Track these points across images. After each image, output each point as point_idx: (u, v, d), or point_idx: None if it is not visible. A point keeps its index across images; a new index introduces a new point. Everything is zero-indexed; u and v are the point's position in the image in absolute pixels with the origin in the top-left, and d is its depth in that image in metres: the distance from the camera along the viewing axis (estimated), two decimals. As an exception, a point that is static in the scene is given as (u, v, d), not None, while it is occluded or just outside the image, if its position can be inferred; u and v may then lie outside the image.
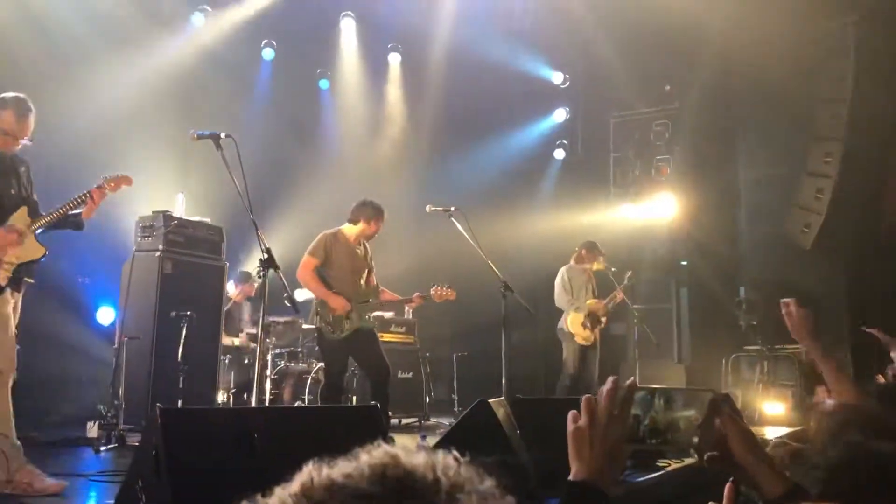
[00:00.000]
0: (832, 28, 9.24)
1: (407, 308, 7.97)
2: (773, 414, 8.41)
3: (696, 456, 1.30)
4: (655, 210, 10.54)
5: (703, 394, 1.28)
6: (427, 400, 8.72)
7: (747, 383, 9.20)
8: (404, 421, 8.39)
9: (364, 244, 6.20)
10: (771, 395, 8.86)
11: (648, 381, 8.46)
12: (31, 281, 4.23)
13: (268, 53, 9.78)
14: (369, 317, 6.12)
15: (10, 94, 4.21)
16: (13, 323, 4.10)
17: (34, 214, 4.26)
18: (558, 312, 8.24)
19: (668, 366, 9.73)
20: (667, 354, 9.93)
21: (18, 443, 4.04)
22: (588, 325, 8.00)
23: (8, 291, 4.09)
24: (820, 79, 9.44)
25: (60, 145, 6.37)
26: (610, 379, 1.25)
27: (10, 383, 4.06)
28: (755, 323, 9.42)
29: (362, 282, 6.09)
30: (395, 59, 10.60)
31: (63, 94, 7.16)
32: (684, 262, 10.39)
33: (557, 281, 8.17)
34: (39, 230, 4.24)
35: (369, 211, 6.07)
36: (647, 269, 9.93)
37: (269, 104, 9.74)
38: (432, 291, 6.19)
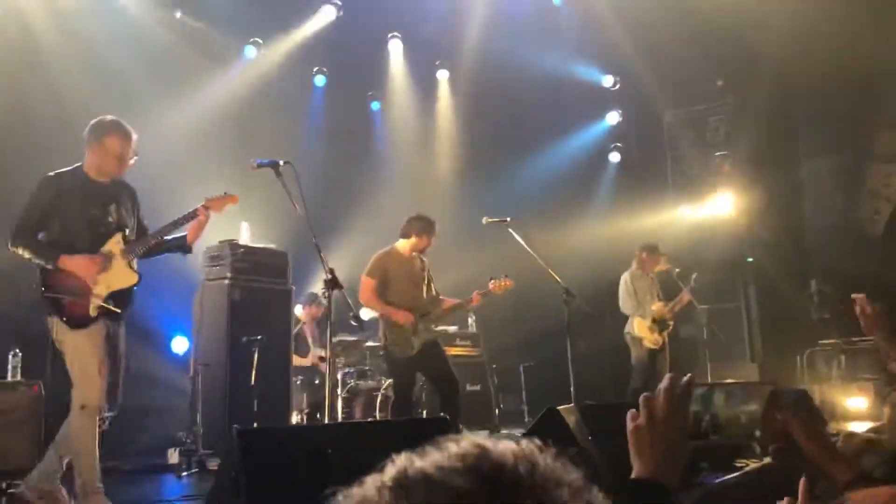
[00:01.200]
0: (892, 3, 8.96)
1: (469, 311, 7.94)
2: (855, 409, 8.14)
3: (759, 449, 1.30)
4: (716, 208, 10.37)
5: (762, 387, 1.28)
6: (497, 411, 8.72)
7: (825, 379, 8.93)
8: (475, 433, 8.39)
9: (420, 257, 6.28)
10: (852, 390, 8.58)
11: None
12: (118, 311, 4.15)
13: (319, 80, 9.99)
14: (435, 328, 6.19)
15: (110, 118, 4.29)
16: (100, 356, 4.03)
17: (128, 241, 4.26)
18: (624, 317, 8.16)
19: (742, 365, 9.53)
20: (739, 354, 9.74)
21: (101, 485, 4.00)
22: (655, 328, 7.91)
23: (100, 322, 4.07)
24: (882, 61, 9.16)
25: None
26: (667, 376, 1.26)
27: (98, 416, 3.99)
28: (829, 316, 9.16)
29: (423, 294, 6.16)
30: (443, 76, 10.70)
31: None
32: (750, 259, 10.18)
33: (621, 287, 8.11)
34: (134, 256, 4.24)
35: (419, 224, 6.14)
36: (711, 268, 9.74)
37: (323, 129, 9.93)
38: (491, 286, 6.21)
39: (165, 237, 4.37)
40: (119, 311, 4.15)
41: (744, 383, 1.25)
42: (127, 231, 4.29)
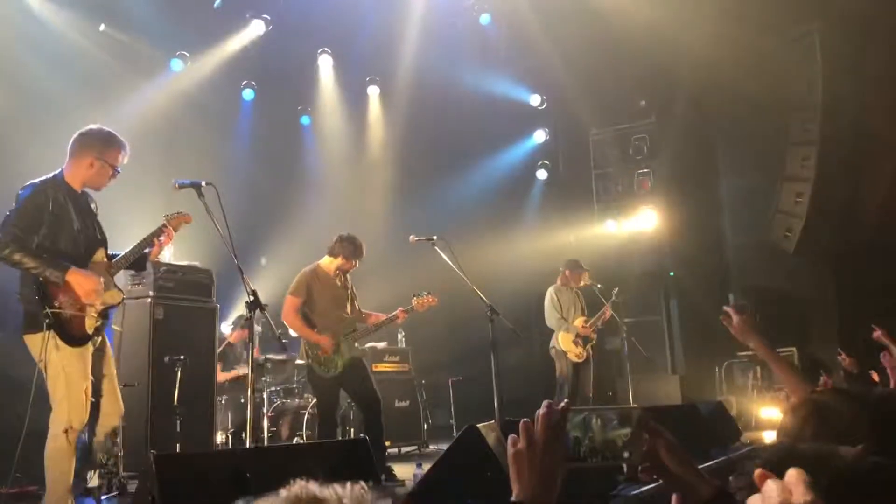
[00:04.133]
0: (798, 34, 9.43)
1: (398, 327, 7.99)
2: (768, 418, 8.49)
3: (627, 469, 1.39)
4: (640, 223, 10.68)
5: (634, 411, 1.37)
6: (425, 427, 8.75)
7: (742, 389, 9.29)
8: (404, 449, 8.43)
9: (341, 276, 6.29)
10: (766, 400, 8.94)
11: (643, 393, 8.57)
12: (117, 328, 4.19)
13: (248, 94, 9.91)
14: (358, 346, 6.20)
15: (104, 127, 4.26)
16: (88, 376, 3.95)
17: (110, 257, 4.21)
18: (550, 331, 8.32)
19: (663, 377, 9.81)
20: (660, 366, 10.03)
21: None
22: (580, 342, 8.10)
23: (90, 341, 3.98)
24: (791, 86, 9.62)
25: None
26: (544, 403, 1.33)
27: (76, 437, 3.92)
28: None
29: (346, 312, 6.18)
30: (373, 92, 10.76)
31: (42, 148, 7.25)
32: (672, 273, 10.51)
33: (546, 301, 8.27)
34: (115, 273, 4.20)
35: (349, 248, 6.15)
36: (635, 282, 10.05)
37: (251, 143, 9.86)
38: (414, 302, 6.28)
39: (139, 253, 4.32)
40: (119, 329, 4.09)
41: (620, 407, 1.32)
42: (107, 245, 4.24)
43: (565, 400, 1.39)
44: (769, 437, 6.64)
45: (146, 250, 4.34)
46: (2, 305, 7.21)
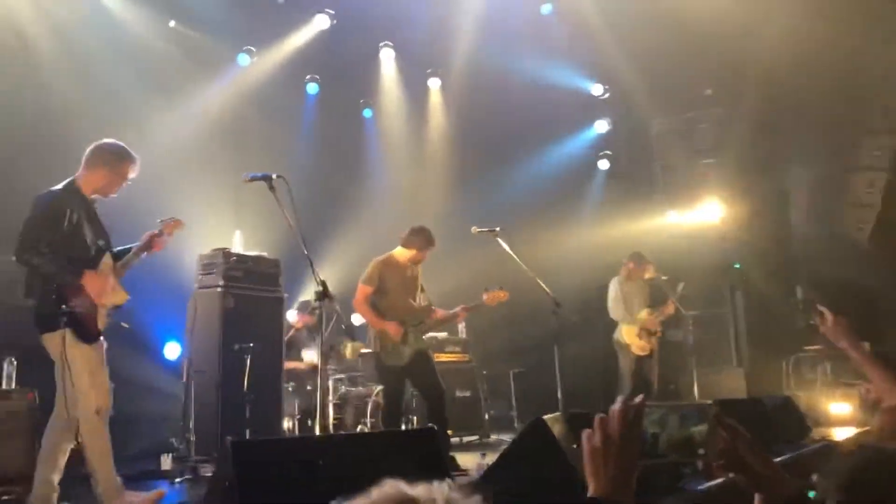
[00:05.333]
0: (879, 29, 9.08)
1: (460, 322, 8.08)
2: (839, 414, 8.26)
3: (702, 466, 1.39)
4: (704, 215, 10.49)
5: (710, 407, 1.37)
6: (486, 417, 8.80)
7: (810, 384, 9.05)
8: (465, 439, 8.49)
9: (412, 267, 6.36)
10: (836, 396, 8.70)
11: (708, 387, 8.44)
12: (125, 325, 4.58)
13: (312, 87, 10.07)
14: (424, 337, 6.28)
15: (117, 143, 4.53)
16: (105, 367, 4.33)
17: (116, 259, 4.50)
18: (614, 323, 8.27)
19: (728, 371, 9.64)
20: (726, 359, 9.85)
21: (119, 479, 4.27)
22: (643, 335, 8.02)
23: (101, 337, 4.33)
24: (867, 75, 9.29)
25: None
26: (619, 399, 1.34)
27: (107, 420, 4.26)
28: (814, 323, 9.26)
29: (416, 303, 6.25)
30: (434, 84, 10.78)
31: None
32: (737, 266, 10.30)
33: (610, 293, 8.21)
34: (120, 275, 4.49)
35: (422, 238, 6.23)
36: (699, 274, 9.86)
37: (315, 136, 10.00)
38: (485, 297, 6.32)
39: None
40: (127, 325, 4.53)
41: (697, 404, 1.32)
42: (112, 249, 4.51)
43: (640, 395, 1.39)
44: (840, 434, 6.47)
45: (143, 254, 4.59)
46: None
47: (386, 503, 0.92)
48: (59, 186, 4.36)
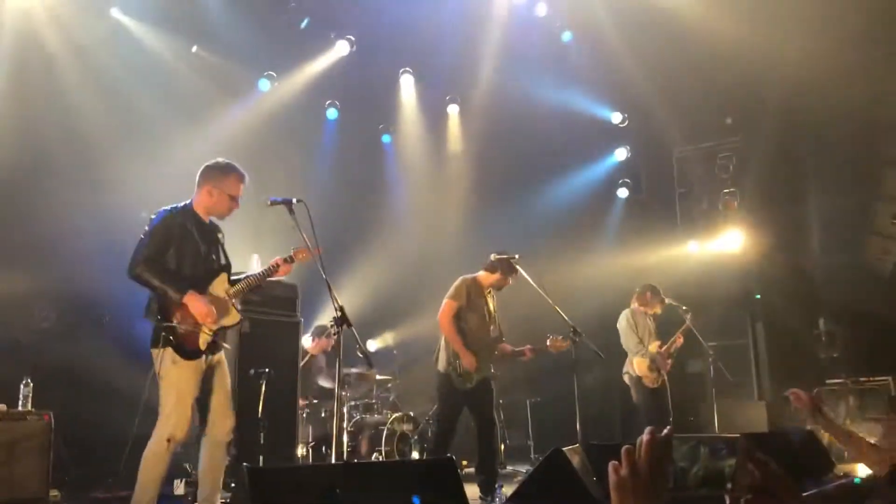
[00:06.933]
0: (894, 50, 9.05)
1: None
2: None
3: (728, 501, 1.34)
4: (725, 244, 10.41)
5: (739, 440, 1.32)
6: (503, 447, 8.68)
7: (833, 418, 8.88)
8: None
9: (492, 293, 6.34)
10: (861, 430, 8.51)
11: (728, 420, 8.30)
12: (227, 346, 4.50)
13: (332, 113, 10.14)
14: (492, 366, 6.25)
15: (224, 160, 4.60)
16: (196, 390, 4.29)
17: (232, 282, 4.57)
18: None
19: (748, 403, 9.49)
20: (746, 391, 9.71)
21: None
22: (654, 367, 7.88)
23: (203, 357, 4.31)
24: (887, 103, 9.23)
25: (132, 214, 6.65)
26: (647, 429, 1.29)
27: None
28: (837, 355, 9.14)
29: (492, 329, 6.20)
30: (453, 110, 10.82)
31: (134, 164, 7.57)
32: (758, 296, 10.18)
33: (623, 324, 8.06)
34: (238, 298, 4.57)
35: (507, 264, 6.20)
36: (719, 305, 9.75)
37: (334, 161, 10.05)
38: (548, 343, 6.26)
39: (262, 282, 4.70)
40: (227, 346, 4.48)
41: (726, 437, 1.27)
42: (229, 271, 4.61)
43: (668, 427, 1.34)
44: (864, 470, 6.33)
45: (266, 279, 4.71)
46: (91, 317, 7.55)
47: None
48: (174, 205, 4.48)
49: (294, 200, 4.54)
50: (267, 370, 6.17)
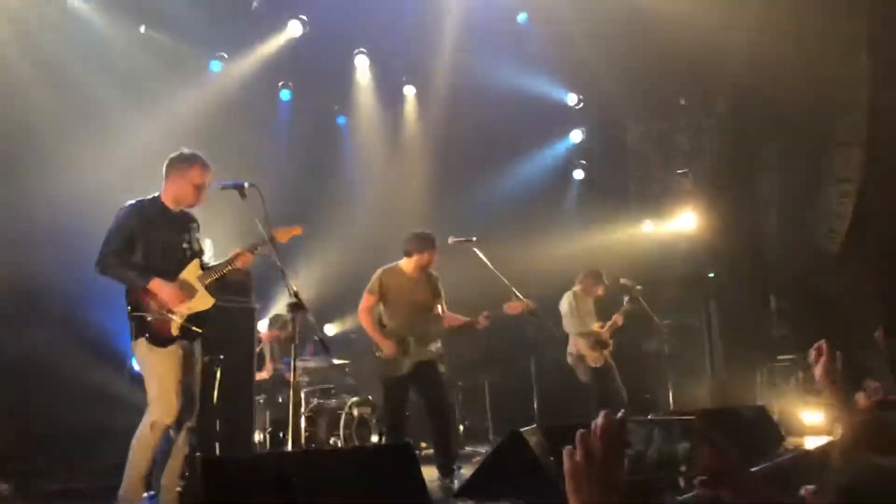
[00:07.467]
0: (845, 32, 9.21)
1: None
2: (812, 423, 8.31)
3: (683, 483, 1.33)
4: (679, 224, 10.54)
5: (693, 421, 1.32)
6: (461, 428, 8.71)
7: (784, 393, 9.10)
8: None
9: (430, 275, 6.28)
10: (809, 405, 8.75)
11: (682, 397, 8.44)
12: (200, 331, 4.54)
13: (285, 94, 9.97)
14: (433, 348, 6.17)
15: (189, 151, 4.62)
16: (178, 375, 4.35)
17: (204, 268, 4.63)
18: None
19: (702, 381, 9.66)
20: (700, 369, 9.87)
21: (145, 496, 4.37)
22: (597, 347, 7.96)
23: (177, 342, 4.37)
24: (837, 85, 9.39)
25: (84, 200, 6.50)
26: (602, 413, 1.27)
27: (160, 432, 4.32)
28: (787, 332, 9.34)
29: (422, 315, 6.14)
30: (409, 92, 10.73)
31: (85, 148, 7.36)
32: (711, 275, 10.35)
33: (564, 306, 8.11)
34: (209, 282, 4.61)
35: (415, 242, 6.17)
36: (673, 284, 9.91)
37: (288, 143, 9.90)
38: (505, 307, 6.21)
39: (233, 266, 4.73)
40: (200, 330, 4.51)
41: (681, 420, 1.25)
42: (202, 258, 4.68)
43: (622, 410, 1.32)
44: (813, 442, 6.49)
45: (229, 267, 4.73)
46: (41, 306, 7.36)
47: None
48: (141, 198, 4.56)
49: (246, 184, 4.48)
50: (221, 357, 6.07)
